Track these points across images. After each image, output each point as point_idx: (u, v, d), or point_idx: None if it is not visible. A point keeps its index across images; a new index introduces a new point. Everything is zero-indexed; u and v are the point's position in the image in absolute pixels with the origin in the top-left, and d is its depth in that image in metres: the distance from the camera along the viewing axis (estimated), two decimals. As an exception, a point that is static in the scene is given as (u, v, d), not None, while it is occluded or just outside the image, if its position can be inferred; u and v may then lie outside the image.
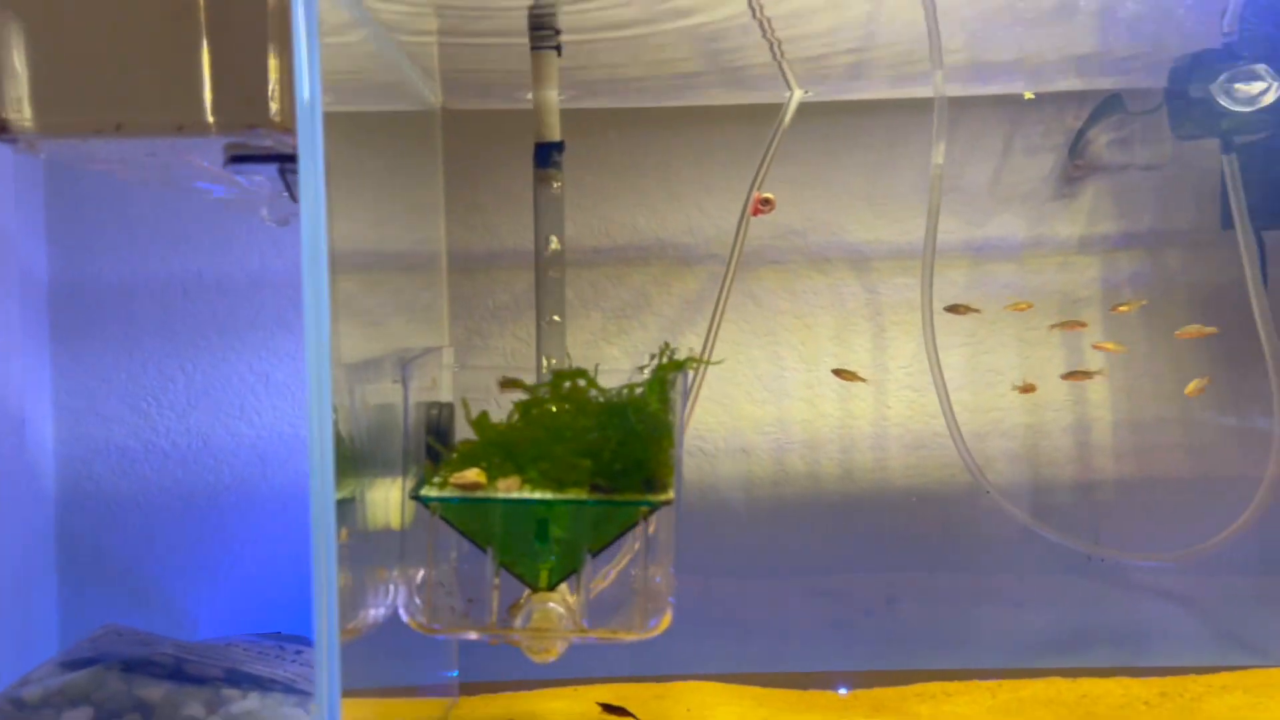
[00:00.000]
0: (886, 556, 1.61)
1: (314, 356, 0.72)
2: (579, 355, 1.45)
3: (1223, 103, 1.22)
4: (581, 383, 0.95)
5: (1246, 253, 1.42)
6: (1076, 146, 1.54)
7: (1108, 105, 1.48)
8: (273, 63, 0.81)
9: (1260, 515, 1.44)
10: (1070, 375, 1.50)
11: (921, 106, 1.41)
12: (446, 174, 1.41)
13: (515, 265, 1.57)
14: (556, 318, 1.12)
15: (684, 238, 1.60)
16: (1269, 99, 1.22)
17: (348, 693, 0.77)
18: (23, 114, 0.90)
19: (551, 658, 1.01)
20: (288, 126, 0.78)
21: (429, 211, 1.31)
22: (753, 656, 1.52)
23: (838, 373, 1.54)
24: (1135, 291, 1.60)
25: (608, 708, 1.27)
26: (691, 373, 1.03)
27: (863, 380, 1.54)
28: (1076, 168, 1.56)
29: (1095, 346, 1.52)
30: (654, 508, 0.93)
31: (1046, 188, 1.61)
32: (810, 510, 1.61)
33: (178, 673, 0.99)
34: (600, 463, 0.92)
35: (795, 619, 1.59)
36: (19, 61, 0.89)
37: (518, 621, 0.98)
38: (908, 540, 1.60)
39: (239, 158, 0.85)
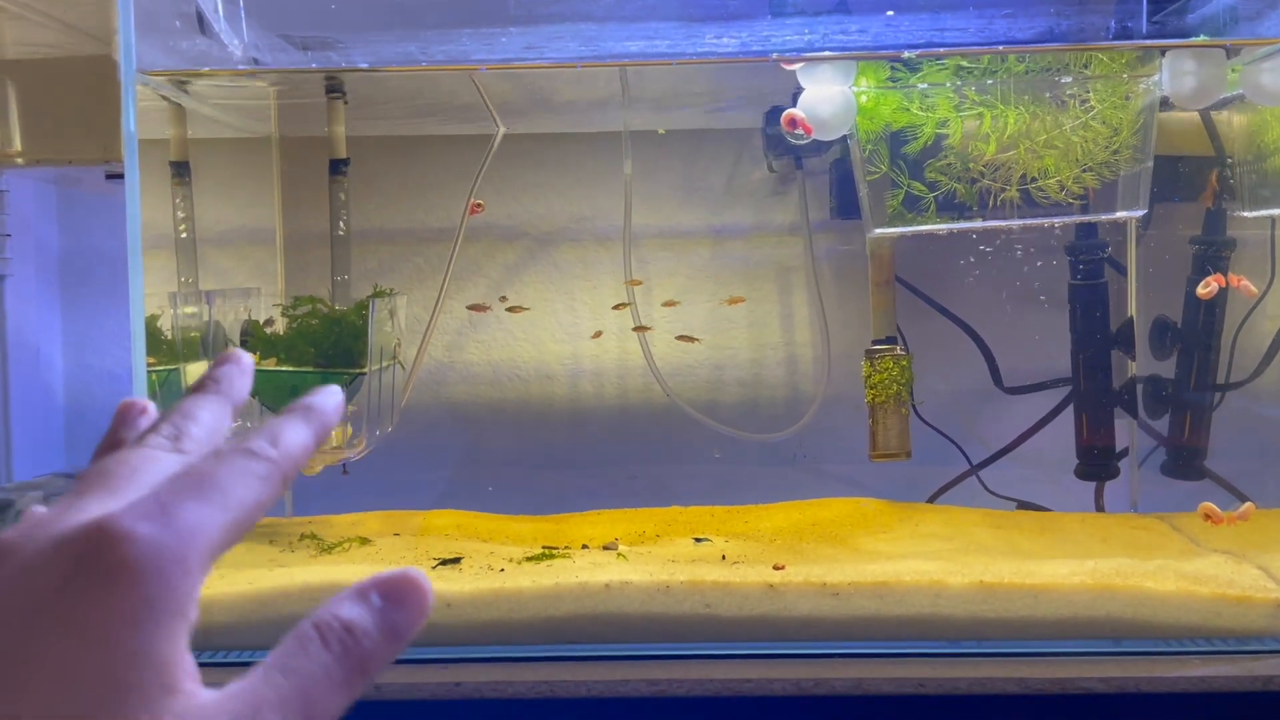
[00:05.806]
0: (645, 450, 2.23)
1: (134, 295, 1.40)
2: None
3: (789, 140, 1.81)
4: (320, 306, 1.61)
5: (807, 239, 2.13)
6: (767, 160, 2.16)
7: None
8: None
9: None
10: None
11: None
12: (284, 177, 2.06)
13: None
14: (344, 277, 1.78)
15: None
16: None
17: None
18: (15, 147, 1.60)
19: (314, 472, 1.67)
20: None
21: (268, 202, 1.97)
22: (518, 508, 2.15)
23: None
24: (831, 262, 2.21)
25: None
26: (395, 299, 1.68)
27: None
28: (772, 171, 2.17)
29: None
30: (353, 377, 1.59)
31: (765, 187, 2.22)
32: (594, 419, 2.25)
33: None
34: (321, 350, 1.58)
35: (560, 488, 2.22)
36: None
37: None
38: (663, 440, 2.23)
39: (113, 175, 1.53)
